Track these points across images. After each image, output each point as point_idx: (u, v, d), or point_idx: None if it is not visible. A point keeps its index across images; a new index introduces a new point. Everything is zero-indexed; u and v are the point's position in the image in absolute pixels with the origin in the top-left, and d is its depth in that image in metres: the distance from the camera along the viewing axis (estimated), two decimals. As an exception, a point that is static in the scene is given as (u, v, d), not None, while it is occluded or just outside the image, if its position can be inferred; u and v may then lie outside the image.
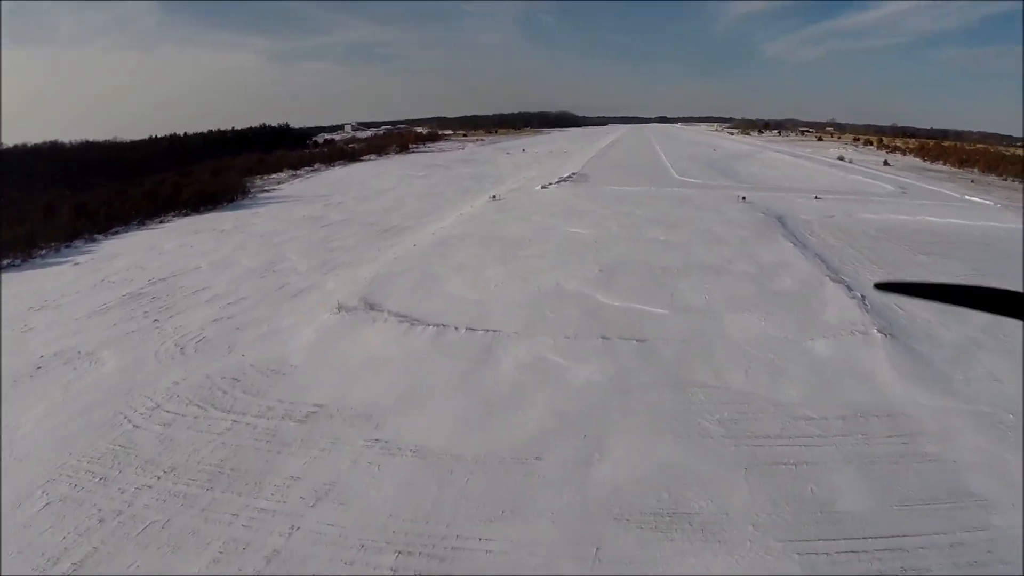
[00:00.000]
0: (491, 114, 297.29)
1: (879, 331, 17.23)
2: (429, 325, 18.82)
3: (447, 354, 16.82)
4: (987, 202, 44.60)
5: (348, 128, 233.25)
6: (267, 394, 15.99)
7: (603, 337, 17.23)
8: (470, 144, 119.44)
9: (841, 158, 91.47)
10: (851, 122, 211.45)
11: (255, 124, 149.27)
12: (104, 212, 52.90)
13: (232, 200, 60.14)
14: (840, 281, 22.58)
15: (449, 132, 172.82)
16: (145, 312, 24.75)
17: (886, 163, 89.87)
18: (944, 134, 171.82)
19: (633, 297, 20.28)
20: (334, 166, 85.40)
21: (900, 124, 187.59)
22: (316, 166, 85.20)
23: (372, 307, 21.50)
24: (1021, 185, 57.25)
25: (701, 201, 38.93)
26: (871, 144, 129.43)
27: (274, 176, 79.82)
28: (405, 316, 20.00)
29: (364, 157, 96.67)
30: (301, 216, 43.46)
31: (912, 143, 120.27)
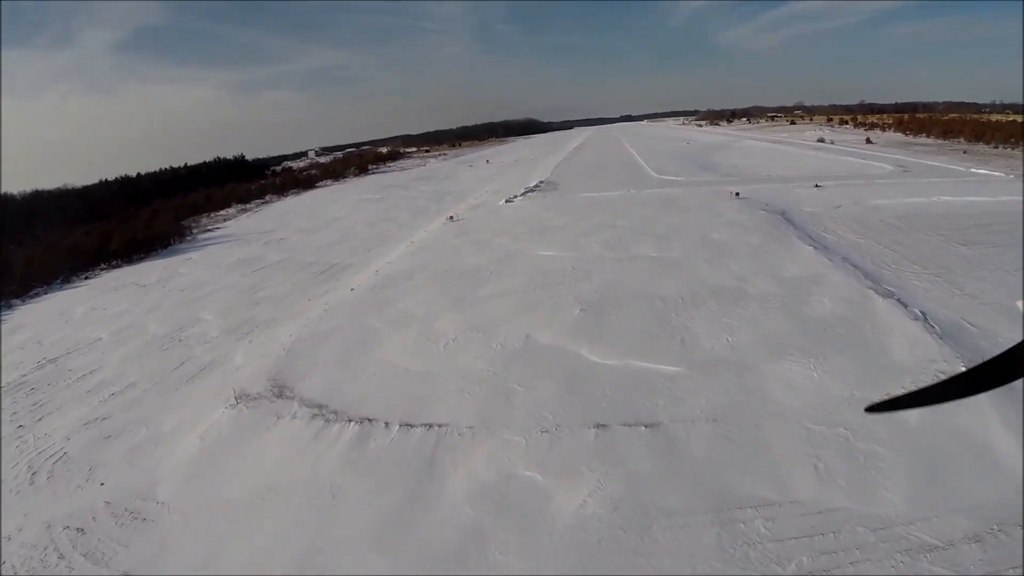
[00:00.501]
0: (455, 127, 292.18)
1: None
2: (350, 421, 13.18)
3: (369, 475, 11.23)
4: (996, 174, 40.36)
5: (311, 154, 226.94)
6: (113, 561, 10.67)
7: (597, 425, 11.79)
8: (432, 160, 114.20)
9: (821, 140, 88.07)
10: (819, 103, 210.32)
11: (210, 158, 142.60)
12: (22, 272, 46.74)
13: (168, 245, 54.06)
14: (888, 295, 17.52)
15: (412, 149, 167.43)
16: (14, 413, 19.47)
17: (868, 141, 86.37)
18: (914, 107, 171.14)
19: (631, 349, 14.89)
20: (287, 196, 79.18)
21: (868, 101, 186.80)
22: (268, 198, 78.94)
23: (281, 392, 15.74)
24: (1019, 153, 53.39)
25: (690, 202, 33.94)
26: (846, 123, 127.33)
27: (221, 212, 73.49)
28: (321, 406, 14.29)
29: (320, 183, 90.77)
30: (235, 260, 37.61)
31: (887, 118, 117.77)
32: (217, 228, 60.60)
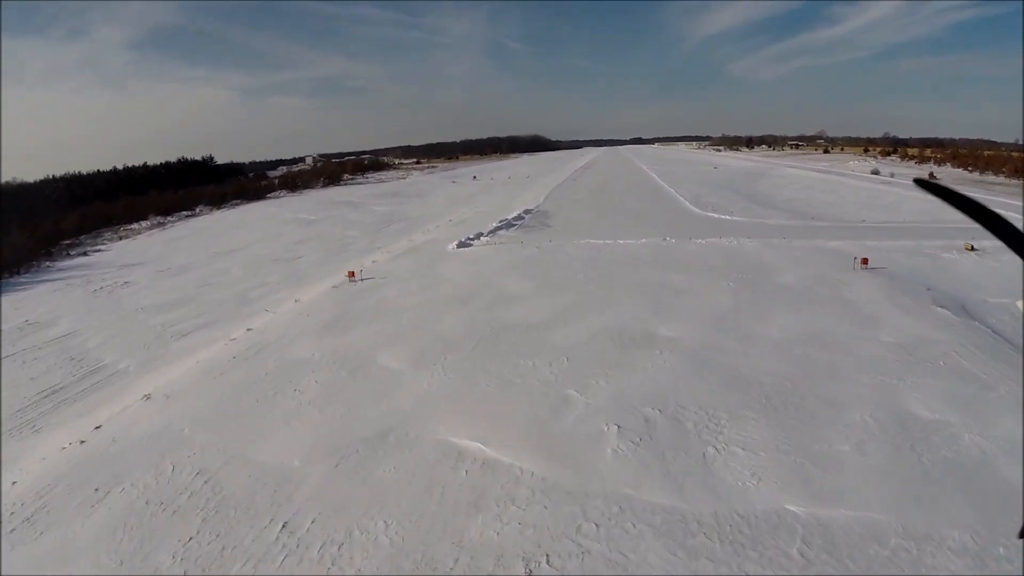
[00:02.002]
0: (458, 141, 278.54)
1: None
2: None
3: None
4: None
5: (308, 160, 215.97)
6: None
7: None
8: (418, 173, 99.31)
9: (876, 171, 73.59)
10: (841, 134, 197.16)
11: (173, 158, 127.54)
12: None
13: (16, 272, 39.25)
14: None
15: (407, 160, 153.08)
16: None
17: (932, 176, 72.50)
18: (939, 142, 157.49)
19: None
20: (223, 208, 64.60)
21: (891, 134, 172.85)
22: (197, 209, 64.30)
23: None
24: None
25: (785, 273, 18.65)
26: (890, 154, 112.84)
27: (133, 226, 58.88)
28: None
29: (274, 194, 75.78)
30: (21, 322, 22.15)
31: (937, 152, 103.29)
32: (97, 251, 45.21)
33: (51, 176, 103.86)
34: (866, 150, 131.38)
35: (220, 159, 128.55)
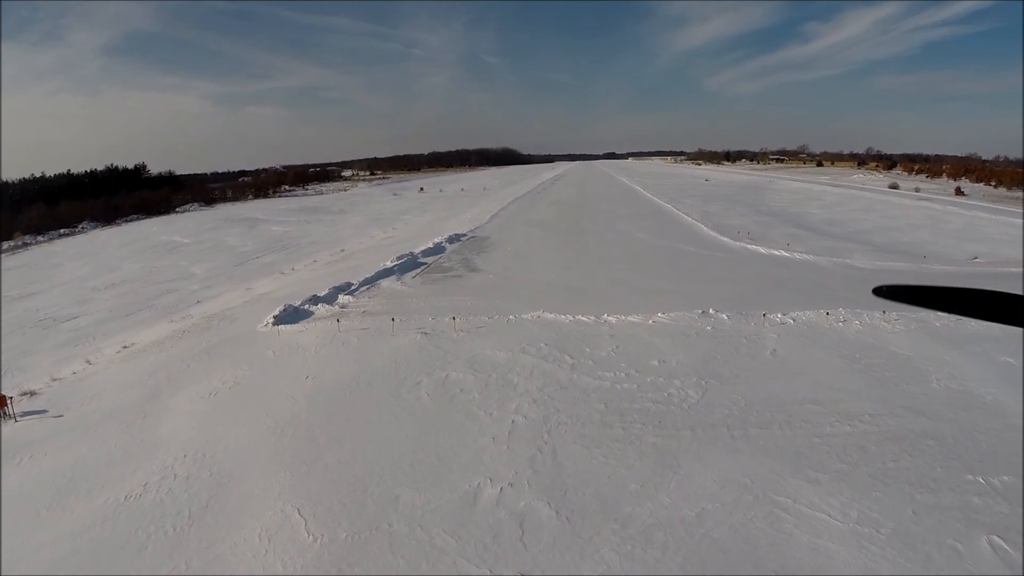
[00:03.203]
0: (426, 153, 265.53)
1: None
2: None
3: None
4: None
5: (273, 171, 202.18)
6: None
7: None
8: (364, 184, 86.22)
9: (895, 186, 63.36)
10: (822, 149, 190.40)
11: (101, 167, 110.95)
12: None
13: None
14: None
15: (360, 172, 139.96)
16: None
17: (959, 191, 62.59)
18: (925, 158, 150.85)
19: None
20: (114, 224, 50.71)
21: (875, 149, 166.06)
22: (80, 226, 50.13)
23: None
24: None
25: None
26: (891, 169, 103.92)
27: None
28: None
29: (184, 207, 61.88)
30: None
31: (947, 167, 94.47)
32: None
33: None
34: (860, 164, 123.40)
35: (193, 168, 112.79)
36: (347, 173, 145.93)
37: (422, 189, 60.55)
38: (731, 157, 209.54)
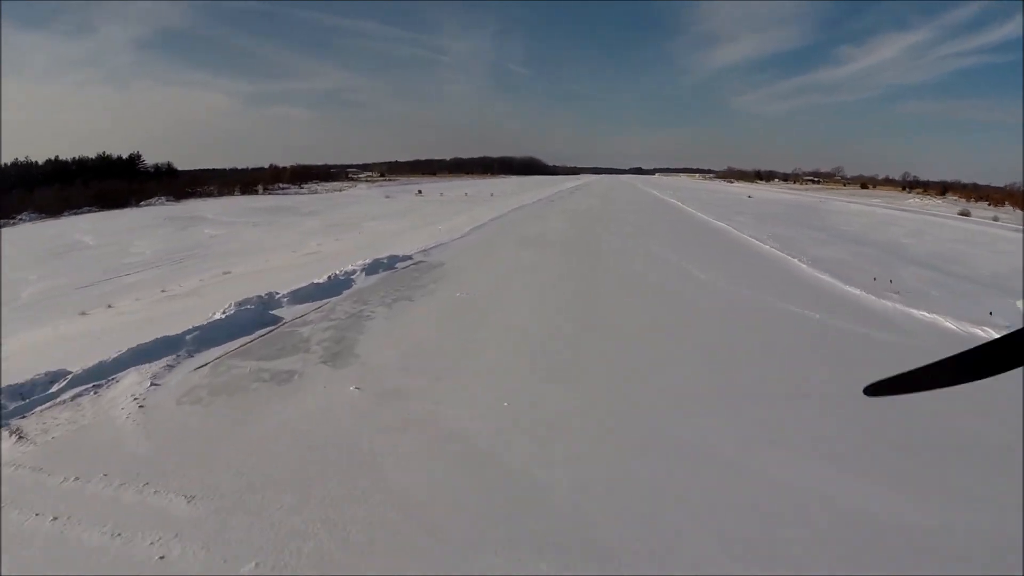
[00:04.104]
0: (448, 159, 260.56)
1: None
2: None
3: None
4: None
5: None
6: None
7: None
8: (364, 186, 78.82)
9: (966, 213, 54.15)
10: (856, 172, 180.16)
11: (92, 155, 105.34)
12: None
13: None
14: None
15: (372, 174, 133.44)
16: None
17: (1056, 224, 53.04)
18: (962, 185, 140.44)
19: None
20: (61, 216, 44.08)
21: (912, 174, 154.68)
22: (17, 218, 43.84)
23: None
24: None
25: None
26: (943, 195, 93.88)
27: None
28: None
29: (151, 200, 54.75)
30: None
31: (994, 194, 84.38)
32: None
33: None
34: (905, 188, 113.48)
35: (218, 165, 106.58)
36: (364, 175, 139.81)
37: (420, 192, 52.76)
38: (762, 176, 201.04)
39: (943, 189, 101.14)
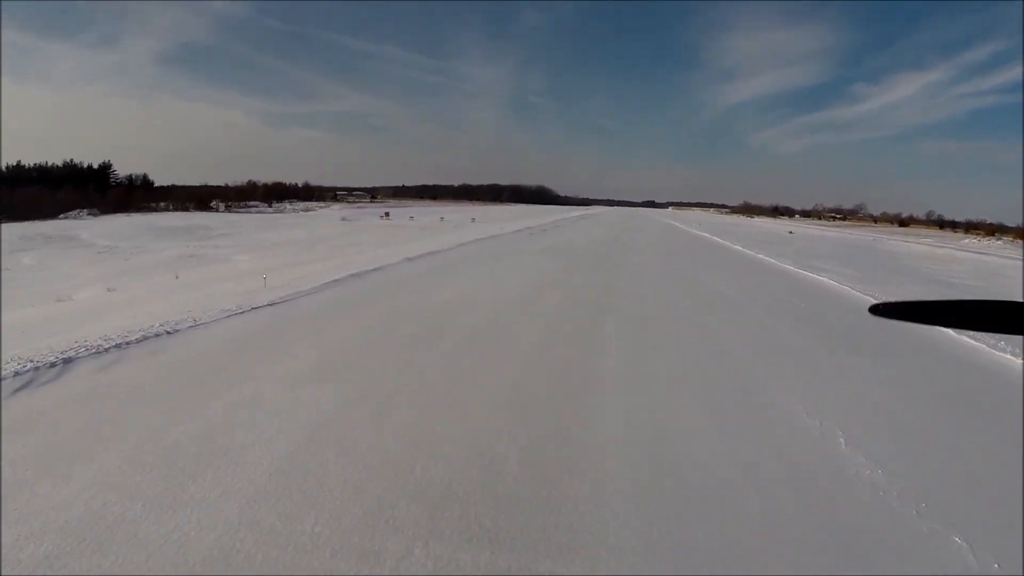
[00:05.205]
0: (456, 184, 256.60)
1: None
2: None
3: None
4: None
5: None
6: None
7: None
8: (338, 206, 69.82)
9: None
10: (879, 210, 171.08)
11: (60, 161, 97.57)
12: None
13: None
14: None
15: (364, 196, 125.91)
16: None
17: None
18: (990, 226, 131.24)
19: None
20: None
21: (937, 213, 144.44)
22: None
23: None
24: None
25: None
26: (992, 235, 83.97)
27: None
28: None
29: (73, 212, 46.06)
30: None
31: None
32: None
33: None
34: (942, 227, 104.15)
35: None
36: (352, 196, 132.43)
37: (387, 215, 43.58)
38: (780, 212, 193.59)
39: (991, 230, 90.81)
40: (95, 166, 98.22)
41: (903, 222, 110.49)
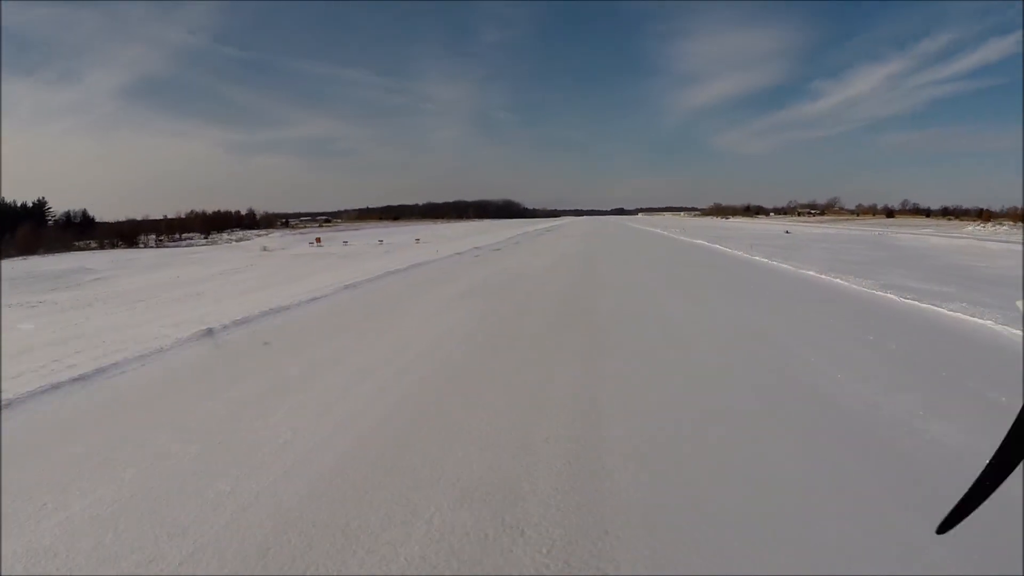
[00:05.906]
0: (420, 203, 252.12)
1: None
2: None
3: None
4: None
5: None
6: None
7: None
8: (278, 234, 62.85)
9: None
10: (853, 203, 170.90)
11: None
12: None
13: None
14: None
15: (317, 221, 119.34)
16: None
17: None
18: (965, 211, 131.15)
19: None
20: None
21: (913, 202, 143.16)
22: None
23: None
24: None
25: None
26: (989, 220, 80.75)
27: None
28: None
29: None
30: None
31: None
32: None
33: None
34: (926, 214, 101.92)
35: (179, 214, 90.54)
36: (300, 221, 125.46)
37: (317, 241, 36.88)
38: (752, 211, 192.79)
39: (983, 214, 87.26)
40: (29, 204, 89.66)
41: (890, 213, 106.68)
